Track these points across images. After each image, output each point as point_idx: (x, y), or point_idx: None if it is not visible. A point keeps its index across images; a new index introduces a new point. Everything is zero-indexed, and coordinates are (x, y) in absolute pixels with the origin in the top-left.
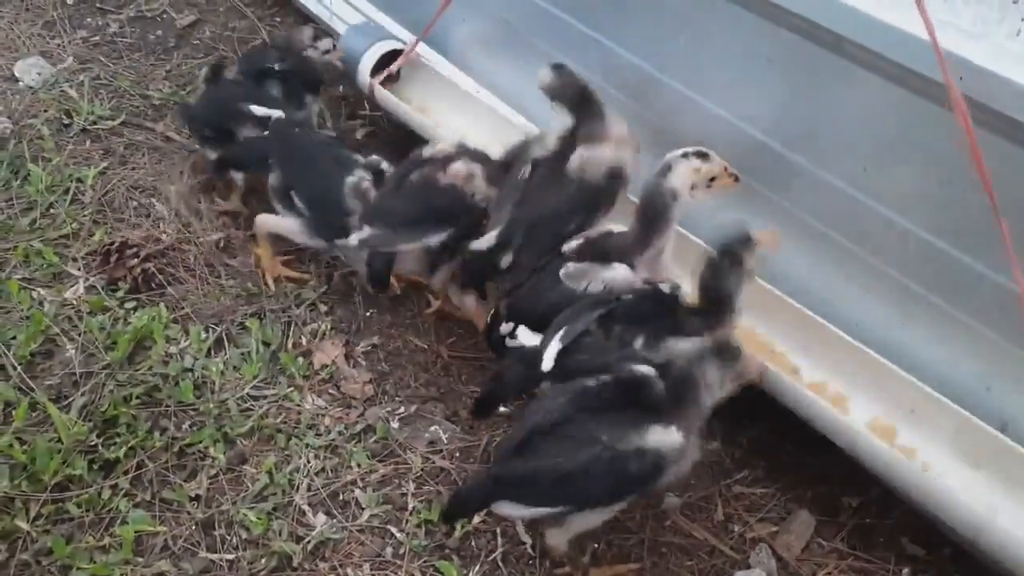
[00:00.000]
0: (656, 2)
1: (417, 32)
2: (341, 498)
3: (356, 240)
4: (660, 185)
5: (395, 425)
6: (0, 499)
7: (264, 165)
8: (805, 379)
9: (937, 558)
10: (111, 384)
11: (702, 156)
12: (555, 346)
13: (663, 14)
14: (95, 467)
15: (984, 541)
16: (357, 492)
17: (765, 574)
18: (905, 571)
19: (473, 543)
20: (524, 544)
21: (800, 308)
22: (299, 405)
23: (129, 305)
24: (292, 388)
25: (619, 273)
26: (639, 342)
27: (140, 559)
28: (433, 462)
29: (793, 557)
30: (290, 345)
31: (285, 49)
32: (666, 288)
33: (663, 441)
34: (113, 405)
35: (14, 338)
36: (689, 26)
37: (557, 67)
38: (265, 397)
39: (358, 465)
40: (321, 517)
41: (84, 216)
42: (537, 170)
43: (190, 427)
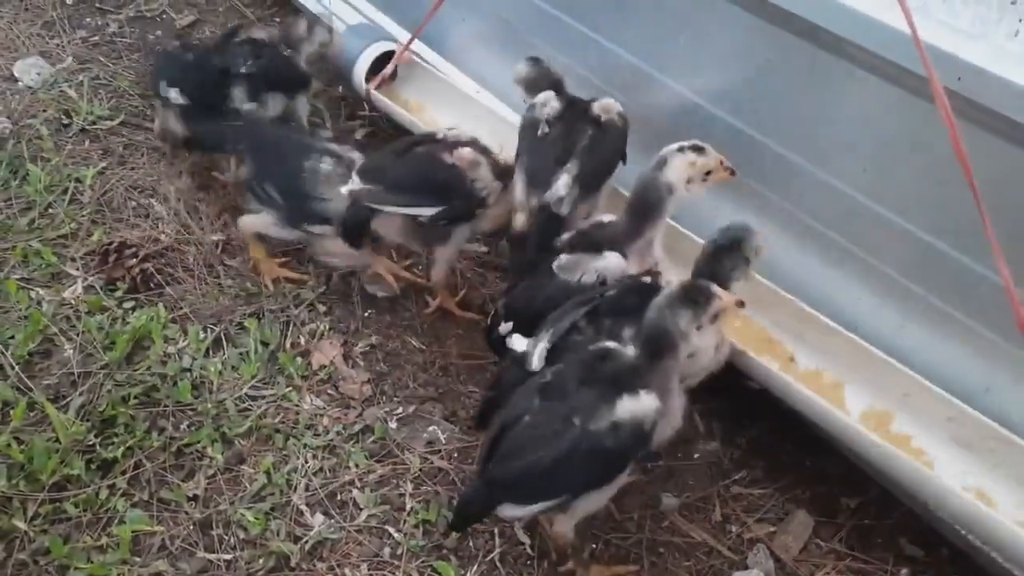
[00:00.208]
0: (656, 2)
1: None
2: (339, 498)
3: (345, 191)
4: (656, 179)
5: (393, 425)
6: None
7: (225, 147)
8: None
9: (935, 559)
10: (109, 384)
11: (698, 150)
12: (543, 346)
13: (663, 14)
14: (93, 467)
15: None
16: (355, 492)
17: (763, 575)
18: (903, 572)
19: (471, 543)
20: (522, 544)
21: (797, 302)
22: (297, 405)
23: (127, 305)
24: (290, 388)
25: (611, 262)
26: (628, 333)
27: (137, 559)
28: (431, 462)
29: (791, 558)
30: (288, 345)
31: (260, 46)
32: (647, 279)
33: (635, 409)
34: (111, 405)
35: (12, 338)
36: (689, 26)
37: (533, 60)
38: (263, 397)
39: (356, 465)
40: (319, 517)
41: (83, 216)
42: (556, 124)
43: (188, 427)
